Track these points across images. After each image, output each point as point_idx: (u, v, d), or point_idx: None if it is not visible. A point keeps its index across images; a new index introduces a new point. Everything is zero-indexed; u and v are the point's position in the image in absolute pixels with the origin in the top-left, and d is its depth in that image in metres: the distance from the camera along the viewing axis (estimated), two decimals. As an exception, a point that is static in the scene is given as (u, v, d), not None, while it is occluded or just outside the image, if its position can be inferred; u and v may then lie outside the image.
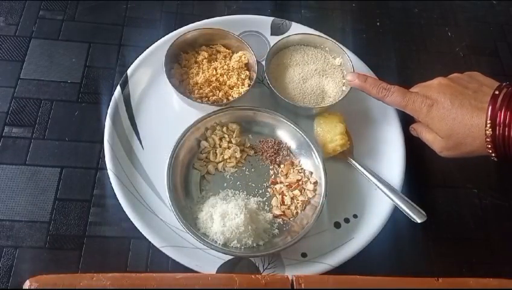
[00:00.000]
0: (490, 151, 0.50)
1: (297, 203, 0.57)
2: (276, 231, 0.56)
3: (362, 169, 0.60)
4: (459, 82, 0.54)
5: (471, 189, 0.64)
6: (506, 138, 0.48)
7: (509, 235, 0.61)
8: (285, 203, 0.57)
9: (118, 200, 0.55)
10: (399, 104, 0.56)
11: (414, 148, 0.64)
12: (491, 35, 0.80)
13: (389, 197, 0.57)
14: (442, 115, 0.52)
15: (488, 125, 0.49)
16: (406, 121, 0.64)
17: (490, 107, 0.49)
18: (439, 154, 0.56)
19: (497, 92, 0.50)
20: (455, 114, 0.51)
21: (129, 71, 0.64)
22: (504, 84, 0.52)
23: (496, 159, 0.51)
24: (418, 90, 0.56)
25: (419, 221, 0.55)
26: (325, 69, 0.65)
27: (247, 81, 0.62)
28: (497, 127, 0.48)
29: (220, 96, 0.61)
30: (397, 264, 0.57)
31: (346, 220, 0.58)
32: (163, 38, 0.67)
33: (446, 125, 0.52)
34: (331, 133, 0.60)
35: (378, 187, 0.58)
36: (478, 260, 0.59)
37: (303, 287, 0.43)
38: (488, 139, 0.49)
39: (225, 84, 0.62)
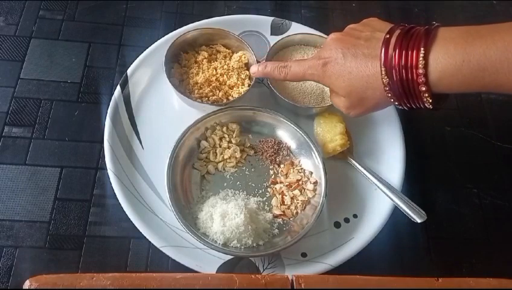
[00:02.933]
0: (392, 100, 0.47)
1: (297, 203, 0.57)
2: (276, 230, 0.56)
3: (362, 169, 0.60)
4: (351, 34, 0.50)
5: (471, 189, 0.64)
6: (405, 81, 0.44)
7: (509, 235, 0.61)
8: (285, 203, 0.57)
9: (118, 200, 0.55)
10: (299, 76, 0.53)
11: (414, 148, 0.64)
12: (491, 35, 0.80)
13: (389, 197, 0.57)
14: (337, 72, 0.49)
15: (383, 72, 0.45)
16: (406, 121, 0.64)
17: (383, 52, 0.45)
18: (348, 115, 0.53)
19: (388, 36, 0.46)
20: (349, 68, 0.48)
21: (129, 71, 0.64)
22: (396, 25, 0.48)
23: (402, 108, 0.48)
24: (315, 55, 0.53)
25: (419, 221, 0.55)
26: (325, 69, 0.65)
27: (247, 81, 0.62)
28: (393, 72, 0.45)
29: (220, 96, 0.61)
30: (397, 264, 0.57)
31: (346, 220, 0.58)
32: (163, 38, 0.67)
33: (344, 82, 0.49)
34: (331, 133, 0.60)
35: (378, 187, 0.58)
36: (478, 260, 0.59)
37: (303, 287, 0.43)
38: (387, 88, 0.46)
39: (225, 84, 0.62)
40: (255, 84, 0.61)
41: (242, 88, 0.62)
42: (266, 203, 0.58)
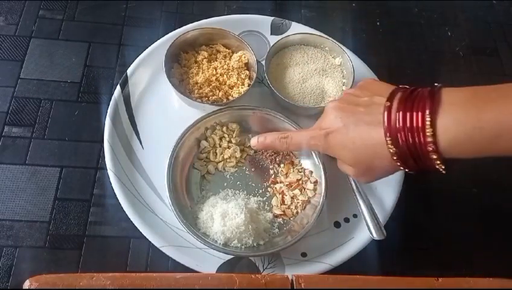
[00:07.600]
0: (402, 168, 0.44)
1: (298, 202, 0.57)
2: (276, 230, 0.56)
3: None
4: (350, 100, 0.48)
5: (471, 189, 0.64)
6: (413, 148, 0.41)
7: (509, 235, 0.61)
8: (286, 203, 0.57)
9: (118, 200, 0.55)
10: (301, 146, 0.52)
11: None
12: (491, 35, 0.80)
13: (360, 208, 0.56)
14: (341, 143, 0.47)
15: (389, 141, 0.43)
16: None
17: (386, 121, 0.43)
18: (361, 182, 0.51)
19: (388, 103, 0.43)
20: (353, 138, 0.46)
21: (129, 71, 0.64)
22: (397, 88, 0.45)
23: (413, 173, 0.45)
24: (315, 125, 0.51)
25: (376, 238, 0.53)
26: (325, 68, 0.65)
27: (247, 81, 0.62)
28: (399, 139, 0.42)
29: (220, 96, 0.61)
30: (397, 264, 0.57)
31: (346, 220, 0.58)
32: (163, 38, 0.66)
33: (349, 152, 0.47)
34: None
35: (354, 193, 0.57)
36: (478, 260, 0.59)
37: (303, 287, 0.43)
38: (395, 157, 0.43)
39: (225, 83, 0.62)
40: (255, 84, 0.61)
41: (242, 88, 0.62)
42: (266, 203, 0.58)
